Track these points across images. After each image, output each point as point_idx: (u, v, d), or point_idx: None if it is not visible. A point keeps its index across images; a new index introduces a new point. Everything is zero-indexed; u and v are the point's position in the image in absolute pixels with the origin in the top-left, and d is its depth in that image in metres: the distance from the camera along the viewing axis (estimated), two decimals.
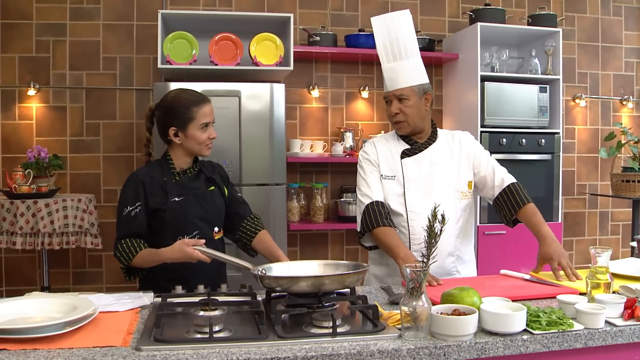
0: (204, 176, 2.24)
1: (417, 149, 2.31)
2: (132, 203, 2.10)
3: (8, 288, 3.87)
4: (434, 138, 2.35)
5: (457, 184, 2.30)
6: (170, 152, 2.20)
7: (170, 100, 2.17)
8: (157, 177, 2.14)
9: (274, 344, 1.40)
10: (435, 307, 1.51)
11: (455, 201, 2.28)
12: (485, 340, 1.44)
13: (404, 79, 2.24)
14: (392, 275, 2.30)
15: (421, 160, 2.30)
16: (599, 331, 1.52)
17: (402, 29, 2.27)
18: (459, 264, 2.31)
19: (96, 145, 3.97)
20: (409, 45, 2.26)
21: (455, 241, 2.29)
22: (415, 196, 2.26)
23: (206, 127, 2.15)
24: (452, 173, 2.30)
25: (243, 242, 2.31)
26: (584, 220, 4.67)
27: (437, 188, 2.26)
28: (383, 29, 2.28)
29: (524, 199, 2.28)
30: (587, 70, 4.62)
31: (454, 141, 2.38)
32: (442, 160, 2.30)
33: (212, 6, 4.09)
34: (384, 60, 2.28)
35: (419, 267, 1.44)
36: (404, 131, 2.30)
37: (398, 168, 2.30)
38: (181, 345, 1.38)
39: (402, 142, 2.34)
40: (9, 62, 3.85)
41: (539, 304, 1.76)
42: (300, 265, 1.86)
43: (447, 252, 2.25)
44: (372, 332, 1.47)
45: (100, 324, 1.56)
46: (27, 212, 3.24)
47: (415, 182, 2.27)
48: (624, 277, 2.06)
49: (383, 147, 2.37)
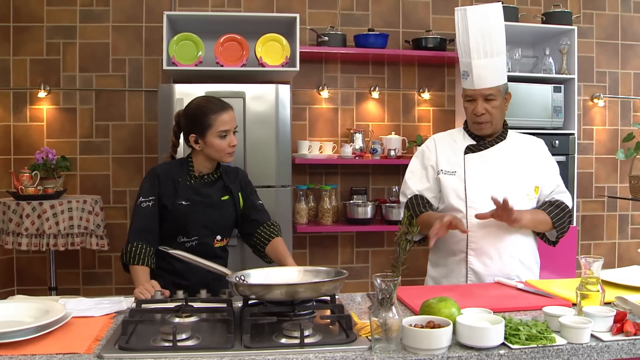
0: (222, 184, 2.25)
1: (483, 145, 2.23)
2: (147, 196, 2.16)
3: (19, 288, 3.92)
4: (503, 137, 2.27)
5: (523, 186, 2.20)
6: (193, 155, 2.24)
7: (192, 107, 2.20)
8: (173, 176, 2.19)
9: (238, 354, 1.36)
10: (409, 319, 1.45)
11: (520, 202, 2.16)
12: (459, 354, 1.38)
13: (494, 78, 2.16)
14: (449, 277, 2.23)
15: (487, 157, 2.21)
16: (583, 346, 1.44)
17: (496, 23, 2.17)
18: (520, 269, 2.20)
19: (105, 146, 4.00)
20: (500, 41, 2.18)
21: (517, 243, 2.18)
22: (476, 192, 2.17)
23: (225, 134, 2.15)
24: (518, 173, 2.20)
25: (257, 248, 2.30)
26: (602, 224, 4.51)
27: (501, 186, 2.15)
28: (478, 22, 2.15)
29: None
30: (606, 69, 4.45)
31: (526, 144, 2.30)
32: (509, 159, 2.21)
33: (221, 7, 4.08)
34: (474, 56, 2.15)
35: (389, 277, 1.39)
36: (486, 132, 2.21)
37: (460, 163, 2.22)
38: (143, 354, 1.36)
39: (468, 138, 2.27)
40: (21, 64, 3.90)
41: (527, 316, 1.69)
42: (278, 272, 1.81)
43: (507, 254, 2.16)
44: (342, 343, 1.42)
45: (70, 330, 1.55)
46: (32, 213, 3.28)
47: (477, 178, 2.18)
48: (625, 287, 1.96)
49: (444, 143, 2.30)
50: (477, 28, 2.15)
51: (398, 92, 4.28)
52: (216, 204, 2.20)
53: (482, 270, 2.15)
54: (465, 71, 2.19)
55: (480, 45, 2.14)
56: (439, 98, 4.33)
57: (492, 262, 2.15)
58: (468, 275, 2.17)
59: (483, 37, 2.14)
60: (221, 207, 2.21)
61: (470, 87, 2.18)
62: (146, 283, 1.94)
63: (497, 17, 2.17)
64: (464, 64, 2.20)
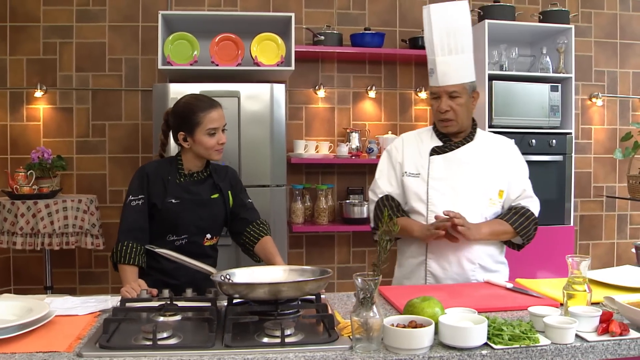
0: (212, 182, 2.24)
1: (448, 147, 2.21)
2: (136, 194, 2.15)
3: (16, 287, 3.93)
4: (471, 138, 2.23)
5: (487, 190, 2.18)
6: (182, 154, 2.23)
7: (181, 105, 2.20)
8: (162, 175, 2.18)
9: (218, 353, 1.36)
10: (391, 318, 1.44)
11: (482, 207, 2.16)
12: (440, 354, 1.37)
13: (458, 75, 2.15)
14: (410, 278, 2.22)
15: (451, 159, 2.19)
16: (567, 347, 1.43)
17: (461, 21, 2.17)
18: (480, 273, 2.16)
19: (102, 146, 4.00)
20: (466, 39, 2.17)
21: (477, 249, 2.15)
22: (438, 196, 2.16)
23: (214, 132, 2.15)
24: (482, 177, 2.18)
25: (246, 247, 2.29)
26: (600, 224, 4.49)
27: (463, 190, 2.15)
28: (441, 19, 2.15)
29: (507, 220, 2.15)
30: (605, 68, 4.43)
31: (494, 146, 2.26)
32: (474, 162, 2.19)
33: (217, 6, 4.07)
34: (438, 53, 2.15)
35: (370, 277, 1.38)
36: (451, 130, 2.19)
37: (424, 165, 2.21)
38: (123, 352, 1.36)
39: (436, 139, 2.25)
40: (17, 64, 3.91)
41: (513, 316, 1.68)
42: (263, 271, 1.80)
43: (466, 258, 2.14)
44: (323, 342, 1.41)
45: (53, 328, 1.54)
46: (27, 212, 3.28)
47: (440, 181, 2.17)
48: (615, 287, 1.94)
49: (412, 143, 2.29)
50: (441, 25, 2.15)
51: (395, 92, 4.27)
52: (206, 202, 2.19)
53: (441, 274, 2.15)
54: (431, 68, 2.18)
55: (445, 43, 2.14)
56: None
57: (451, 267, 2.14)
58: (427, 278, 2.17)
59: (448, 34, 2.14)
60: (211, 205, 2.20)
61: (434, 84, 2.17)
62: (133, 282, 1.93)
63: (462, 15, 2.17)
64: (429, 61, 2.19)
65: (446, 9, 2.16)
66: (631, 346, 1.46)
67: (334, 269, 4.17)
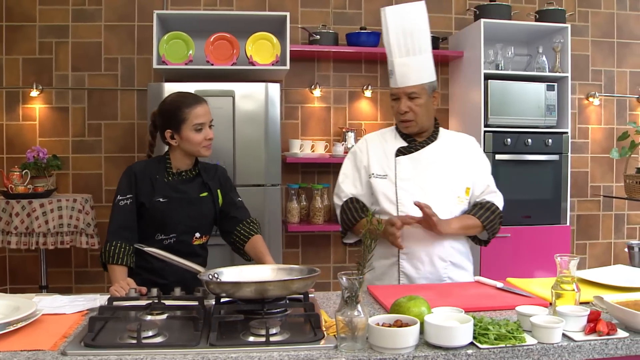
0: (201, 180, 2.24)
1: (413, 147, 2.22)
2: (124, 194, 2.15)
3: (12, 286, 3.93)
4: (435, 137, 2.24)
5: (454, 188, 2.19)
6: (170, 152, 2.22)
7: (166, 104, 2.20)
8: (150, 174, 2.17)
9: (202, 352, 1.35)
10: (376, 317, 1.43)
11: (451, 205, 2.17)
12: (425, 354, 1.36)
13: (417, 75, 2.14)
14: (382, 279, 2.22)
15: (417, 159, 2.20)
16: (554, 346, 1.42)
17: (418, 22, 2.15)
18: (451, 270, 2.19)
19: (98, 145, 4.00)
20: (423, 39, 2.16)
21: (448, 247, 2.17)
22: (407, 196, 2.15)
23: (201, 127, 2.14)
24: (449, 175, 2.19)
25: (236, 246, 2.28)
26: (597, 223, 4.48)
27: (432, 189, 2.16)
28: (397, 21, 2.15)
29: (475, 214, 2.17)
30: (602, 67, 4.42)
31: (457, 144, 2.28)
32: (439, 161, 2.20)
33: (213, 6, 4.07)
34: (395, 54, 2.15)
35: (355, 275, 1.38)
36: (411, 130, 2.20)
37: (391, 166, 2.20)
38: (107, 351, 1.36)
39: (400, 140, 2.25)
40: (13, 63, 3.91)
41: (502, 315, 1.67)
42: (251, 270, 1.80)
43: (438, 257, 2.15)
44: (309, 341, 1.41)
45: (39, 327, 1.54)
46: (22, 212, 3.28)
47: (408, 181, 2.17)
48: (607, 286, 1.93)
49: (376, 144, 2.28)
50: (397, 27, 2.14)
51: None
52: (194, 201, 2.18)
53: (414, 273, 2.16)
54: (390, 70, 2.18)
55: (402, 44, 2.13)
56: None
57: (424, 266, 2.15)
58: (400, 278, 2.17)
59: (404, 35, 2.13)
60: (199, 204, 2.19)
61: (393, 85, 2.17)
62: (122, 281, 1.93)
63: (419, 15, 2.16)
64: (389, 63, 2.19)
65: (402, 10, 2.16)
66: (618, 346, 1.45)
67: (330, 268, 4.17)
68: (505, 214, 3.73)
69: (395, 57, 2.15)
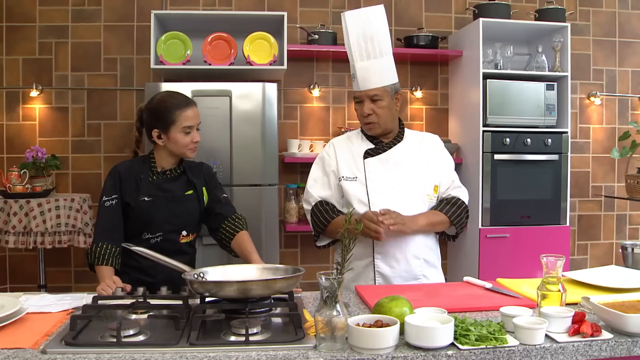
0: (186, 179, 2.24)
1: (381, 148, 2.23)
2: (109, 195, 2.16)
3: (12, 285, 3.96)
4: (400, 138, 2.27)
5: (423, 187, 2.21)
6: (155, 151, 2.23)
7: (155, 102, 2.19)
8: (134, 173, 2.18)
9: (180, 351, 1.35)
10: (357, 317, 1.43)
11: (421, 203, 2.20)
12: (405, 354, 1.36)
13: (378, 78, 2.16)
14: (357, 280, 2.21)
15: (385, 160, 2.22)
16: (536, 348, 1.41)
17: (377, 25, 2.18)
18: (425, 268, 2.20)
19: (97, 145, 4.02)
20: (384, 43, 2.18)
21: (420, 244, 2.19)
22: (379, 197, 2.17)
23: (189, 130, 2.15)
24: (418, 174, 2.21)
25: (223, 243, 2.28)
26: (599, 224, 4.44)
27: (402, 189, 2.18)
28: (357, 25, 2.17)
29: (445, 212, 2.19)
30: (603, 66, 4.39)
31: (422, 143, 2.30)
32: (407, 161, 2.22)
33: (212, 5, 4.08)
34: (357, 59, 2.18)
35: (333, 275, 1.37)
36: (375, 132, 2.22)
37: (360, 168, 2.22)
38: (86, 349, 1.36)
39: (367, 141, 2.27)
40: (13, 64, 3.93)
41: (487, 316, 1.66)
42: (236, 269, 1.80)
43: (412, 255, 2.16)
44: (289, 341, 1.40)
45: (23, 325, 1.55)
46: (20, 211, 3.30)
47: (378, 182, 2.18)
48: (597, 287, 1.91)
49: (343, 148, 2.29)
50: (357, 31, 2.16)
51: None
52: (179, 199, 2.18)
53: (389, 272, 2.16)
54: (352, 73, 2.20)
55: (363, 48, 2.15)
56: (431, 96, 4.30)
57: (399, 264, 2.15)
58: (376, 278, 2.17)
59: (365, 39, 2.15)
60: (184, 202, 2.19)
61: (356, 88, 2.19)
62: (108, 279, 1.93)
63: (378, 19, 2.17)
64: (351, 67, 2.21)
65: (361, 14, 2.18)
66: (602, 347, 1.44)
67: (329, 268, 4.16)
68: (504, 214, 3.77)
69: (356, 61, 2.17)
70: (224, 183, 3.44)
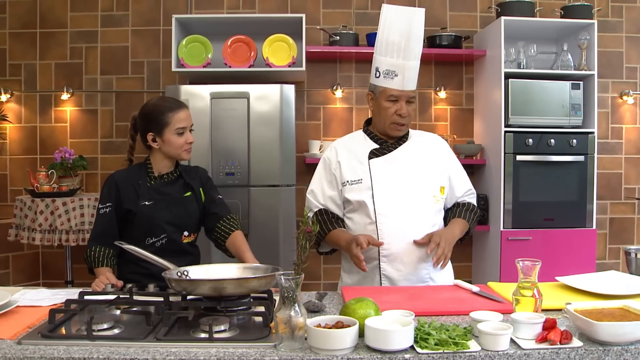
0: (183, 181, 2.31)
1: (386, 148, 2.21)
2: (104, 202, 2.23)
3: (44, 281, 4.15)
4: (405, 138, 2.25)
5: (430, 187, 2.18)
6: (151, 157, 2.30)
7: (149, 107, 2.28)
8: (132, 180, 2.25)
9: (145, 345, 1.40)
10: (318, 318, 1.44)
11: (428, 205, 2.17)
12: (361, 356, 1.35)
13: (414, 81, 2.17)
14: (363, 283, 2.20)
15: (391, 160, 2.19)
16: (499, 354, 1.38)
17: (417, 28, 2.13)
18: (432, 271, 2.16)
19: (125, 146, 4.09)
20: (418, 46, 2.15)
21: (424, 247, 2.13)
22: (384, 199, 2.14)
23: (182, 132, 2.21)
24: (424, 175, 2.19)
25: (218, 242, 2.34)
26: (632, 227, 4.26)
27: (408, 190, 2.15)
28: (399, 22, 2.12)
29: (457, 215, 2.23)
30: (637, 64, 4.21)
31: (428, 143, 2.28)
32: (413, 161, 2.19)
33: (236, 9, 4.15)
34: (394, 54, 2.11)
35: (292, 275, 1.39)
36: (402, 133, 2.22)
37: (365, 170, 2.19)
38: (59, 341, 1.42)
39: (370, 142, 2.24)
40: (46, 68, 4.12)
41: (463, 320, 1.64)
42: (218, 268, 1.83)
43: (418, 257, 2.12)
44: (253, 339, 1.43)
45: (10, 318, 1.63)
46: (46, 209, 3.46)
47: (384, 184, 2.16)
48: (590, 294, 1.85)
49: (346, 150, 2.27)
50: (401, 27, 2.11)
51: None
52: (179, 201, 2.25)
53: (395, 275, 2.12)
54: (391, 71, 2.12)
55: (402, 46, 2.10)
56: (456, 97, 4.24)
57: (405, 267, 2.12)
58: (382, 281, 2.14)
59: (403, 37, 2.10)
60: (184, 203, 2.26)
61: (398, 87, 2.13)
62: (102, 276, 2.02)
63: (420, 22, 2.14)
64: (388, 63, 2.12)
65: (404, 12, 2.13)
66: (571, 355, 1.39)
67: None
68: (527, 216, 3.67)
69: (392, 56, 2.11)
70: (241, 184, 3.54)
